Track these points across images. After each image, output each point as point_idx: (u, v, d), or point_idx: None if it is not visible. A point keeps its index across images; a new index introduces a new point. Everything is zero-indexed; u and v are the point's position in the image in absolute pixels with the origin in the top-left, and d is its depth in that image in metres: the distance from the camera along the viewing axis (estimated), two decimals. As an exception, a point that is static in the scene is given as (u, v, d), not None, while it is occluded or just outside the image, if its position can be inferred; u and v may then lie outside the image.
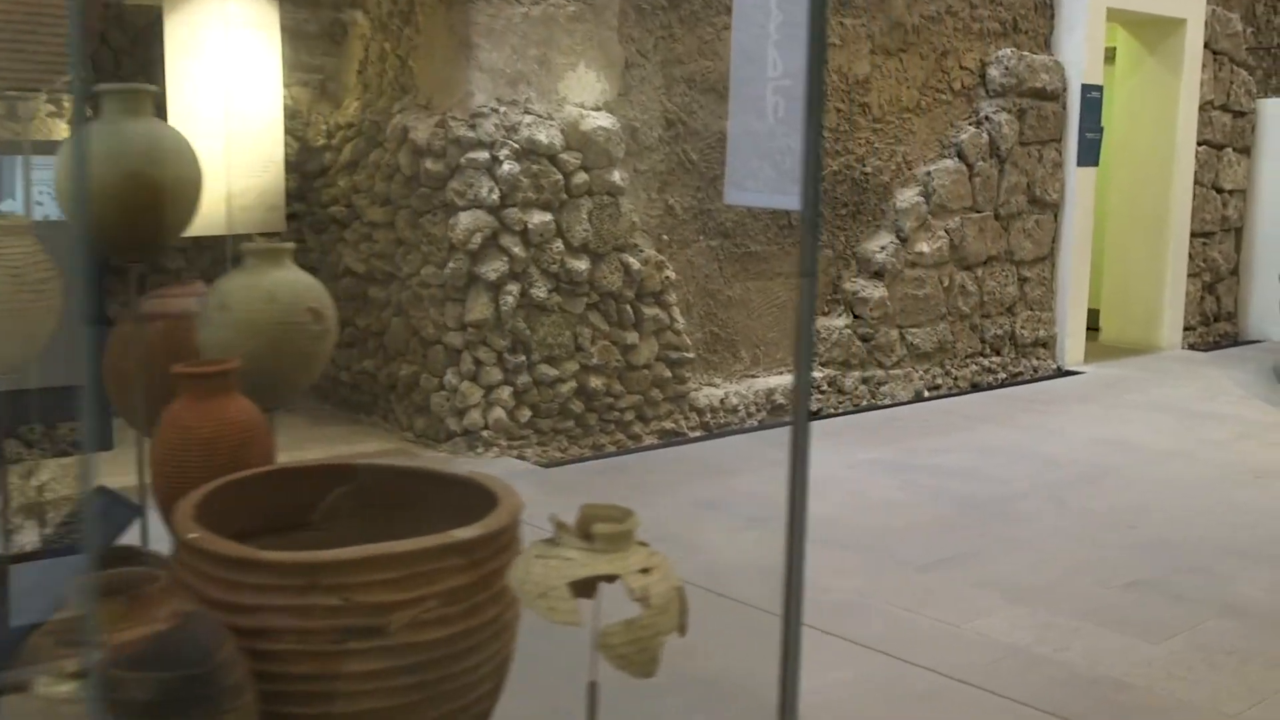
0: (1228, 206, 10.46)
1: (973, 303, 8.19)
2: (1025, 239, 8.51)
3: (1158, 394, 8.03)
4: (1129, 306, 10.08)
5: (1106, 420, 7.18)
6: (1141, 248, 9.97)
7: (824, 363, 7.36)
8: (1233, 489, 5.74)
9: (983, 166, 8.12)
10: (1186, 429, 6.99)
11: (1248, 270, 10.74)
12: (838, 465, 5.99)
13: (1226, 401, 7.84)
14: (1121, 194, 10.06)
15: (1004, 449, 6.41)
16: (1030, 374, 8.64)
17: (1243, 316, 10.81)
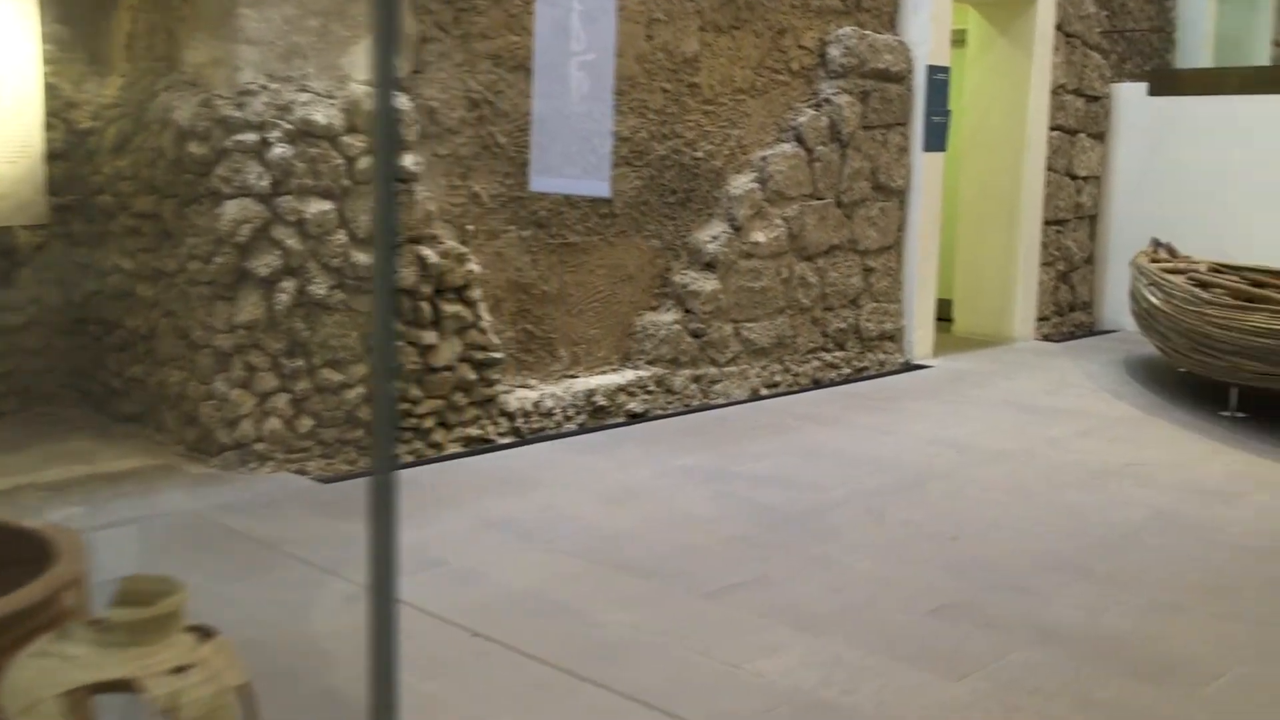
0: (1082, 193, 10.22)
1: (814, 295, 7.79)
2: (869, 227, 8.14)
3: (1004, 388, 7.71)
4: (981, 297, 9.79)
5: (946, 418, 6.83)
6: (994, 236, 9.68)
7: (652, 360, 6.90)
8: (1065, 492, 5.39)
9: (823, 151, 7.71)
10: (1028, 426, 6.66)
11: (1102, 259, 10.53)
12: (648, 474, 5.52)
13: (1073, 395, 7.54)
14: (973, 180, 9.76)
15: (831, 452, 6.00)
16: (876, 369, 8.28)
17: (1098, 306, 10.60)
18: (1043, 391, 7.64)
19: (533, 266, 6.39)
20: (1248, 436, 6.49)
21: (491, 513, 4.90)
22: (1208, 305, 6.91)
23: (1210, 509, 5.17)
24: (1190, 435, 6.52)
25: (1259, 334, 6.38)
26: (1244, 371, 6.60)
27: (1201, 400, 7.27)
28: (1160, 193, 10.15)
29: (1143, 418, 6.94)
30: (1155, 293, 7.68)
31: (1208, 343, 6.84)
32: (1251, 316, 6.51)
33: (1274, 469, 5.86)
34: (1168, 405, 7.25)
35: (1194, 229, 9.83)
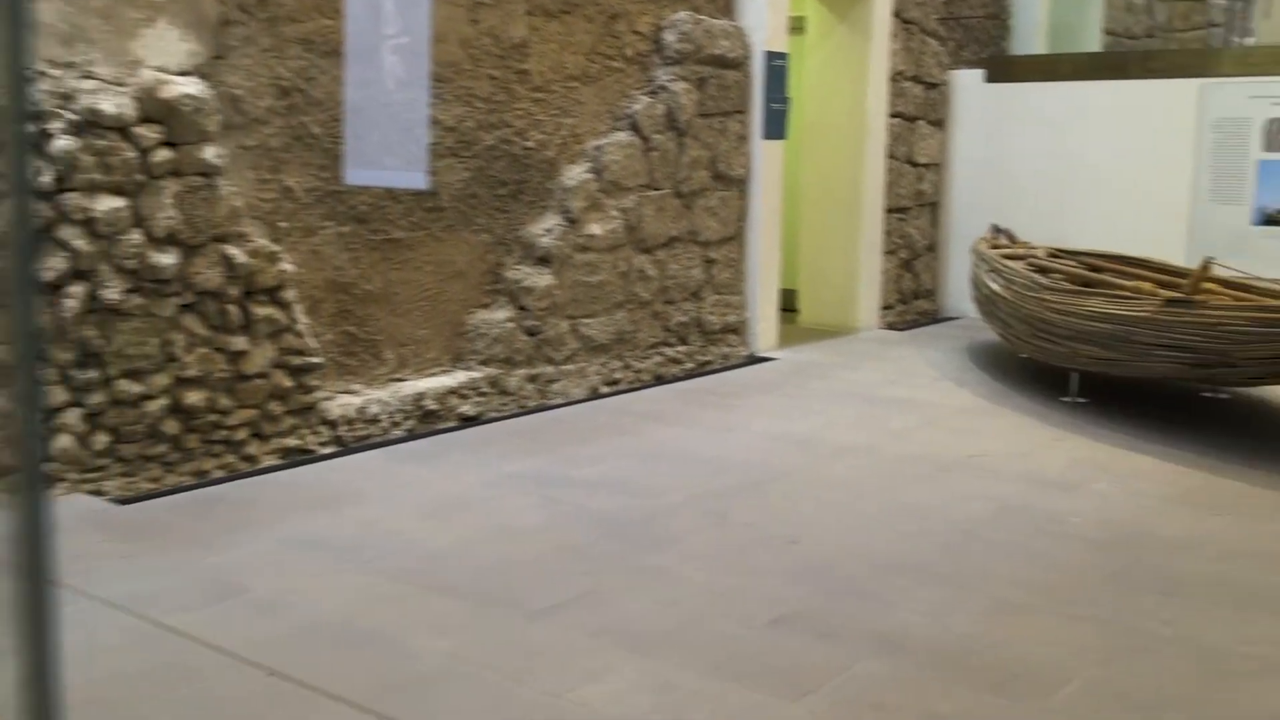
0: (923, 180, 10.20)
1: (654, 288, 7.56)
2: (710, 218, 7.94)
3: (848, 380, 7.58)
4: (826, 286, 9.69)
5: (789, 413, 6.65)
6: (836, 225, 9.58)
7: (485, 361, 6.58)
8: (909, 487, 5.24)
9: (660, 140, 7.48)
10: (871, 418, 6.52)
11: (945, 246, 10.53)
12: (476, 482, 5.21)
13: (917, 384, 7.45)
14: (814, 169, 9.65)
15: (670, 453, 5.77)
16: (720, 362, 8.09)
17: (941, 293, 10.60)
18: (887, 382, 7.53)
19: (353, 264, 6.02)
20: (1088, 422, 6.45)
21: (303, 531, 4.54)
22: (1046, 291, 6.87)
23: (1053, 500, 5.06)
24: (1032, 423, 6.46)
25: (1096, 318, 6.34)
26: (1083, 357, 6.57)
27: (1043, 386, 7.24)
28: (999, 179, 10.18)
29: (985, 406, 6.86)
30: (995, 279, 7.63)
31: (1047, 328, 6.79)
32: (1089, 301, 6.47)
33: (1113, 454, 5.81)
34: (1010, 393, 7.20)
35: (1033, 214, 9.88)
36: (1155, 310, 5.98)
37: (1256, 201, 9.13)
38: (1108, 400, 6.85)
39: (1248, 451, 5.86)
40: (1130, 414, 6.59)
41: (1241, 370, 5.72)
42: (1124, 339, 6.17)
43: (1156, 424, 6.38)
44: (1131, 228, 9.53)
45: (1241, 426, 6.51)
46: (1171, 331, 5.89)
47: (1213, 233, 9.29)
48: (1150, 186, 9.52)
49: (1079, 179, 9.81)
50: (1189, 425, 6.39)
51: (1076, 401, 6.89)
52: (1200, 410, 6.83)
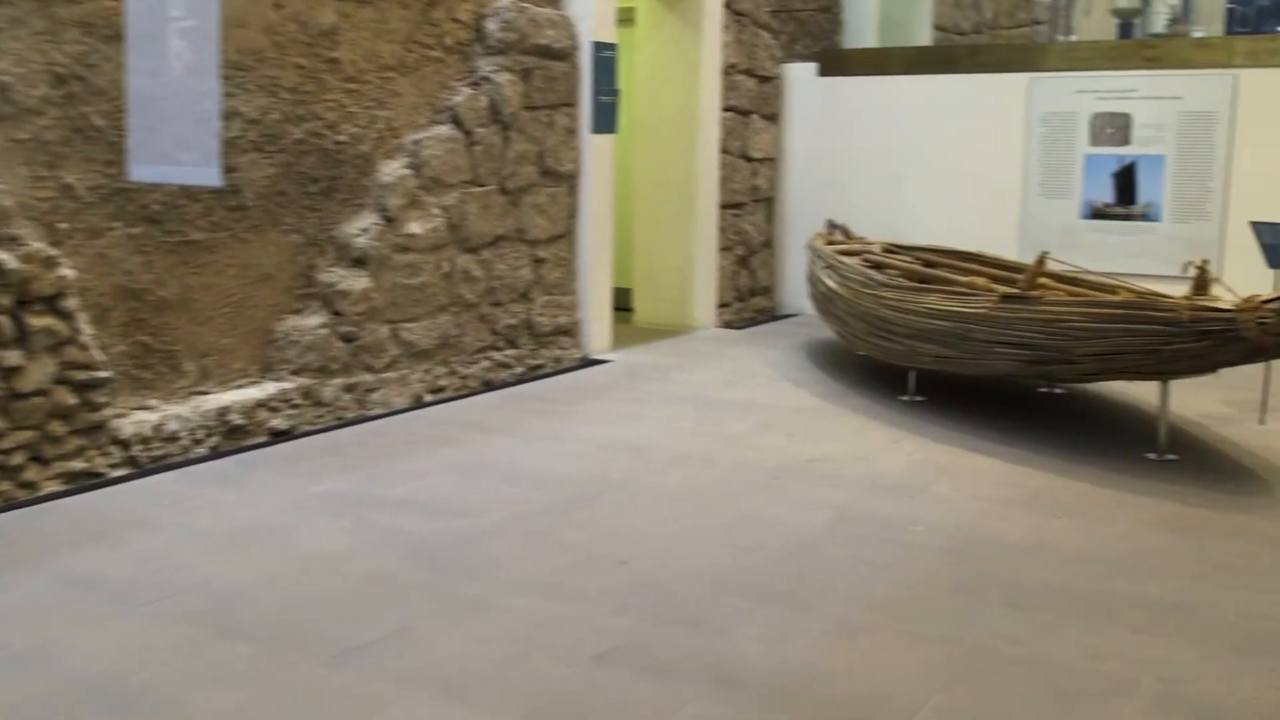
0: (757, 175, 10.02)
1: (480, 290, 7.18)
2: (538, 215, 7.60)
3: (684, 382, 7.33)
4: (661, 285, 9.44)
5: (623, 419, 6.36)
6: (670, 221, 9.34)
7: (297, 370, 6.13)
8: (747, 497, 4.98)
9: (484, 134, 7.11)
10: (707, 423, 6.26)
11: (780, 242, 10.38)
12: (280, 506, 4.78)
13: (754, 386, 7.23)
14: (647, 164, 9.39)
15: (495, 466, 5.42)
16: (552, 366, 7.76)
17: (778, 290, 10.45)
18: (723, 383, 7.30)
19: (146, 269, 5.51)
20: (927, 421, 6.30)
21: (77, 569, 4.06)
22: (883, 288, 6.71)
23: (894, 506, 4.86)
24: (871, 424, 6.28)
25: (934, 316, 6.18)
26: (922, 355, 6.42)
27: (881, 385, 7.09)
28: (834, 174, 10.07)
29: (824, 407, 6.67)
30: (831, 276, 7.46)
31: (885, 327, 6.63)
32: (926, 298, 6.31)
33: (953, 455, 5.65)
34: (848, 392, 7.03)
35: (867, 209, 9.79)
36: (993, 307, 5.85)
37: (1084, 196, 9.17)
38: (946, 398, 6.73)
39: (1085, 448, 5.77)
40: (969, 412, 6.47)
41: (1080, 367, 5.62)
42: (963, 336, 6.03)
43: (995, 422, 6.27)
44: (964, 222, 9.50)
45: (1078, 422, 6.45)
46: (1010, 328, 5.76)
47: (1043, 227, 9.31)
48: (982, 181, 9.50)
49: (912, 173, 9.75)
50: (1027, 422, 6.29)
51: (915, 400, 6.75)
52: (1038, 406, 6.75)
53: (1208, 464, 5.57)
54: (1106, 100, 9.04)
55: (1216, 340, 5.04)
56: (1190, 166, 8.82)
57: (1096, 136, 9.09)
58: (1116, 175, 9.06)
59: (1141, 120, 8.93)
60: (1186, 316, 5.08)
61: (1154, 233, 8.96)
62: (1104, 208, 9.11)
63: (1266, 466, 5.53)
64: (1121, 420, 6.48)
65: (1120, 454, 5.69)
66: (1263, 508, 4.89)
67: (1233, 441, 5.98)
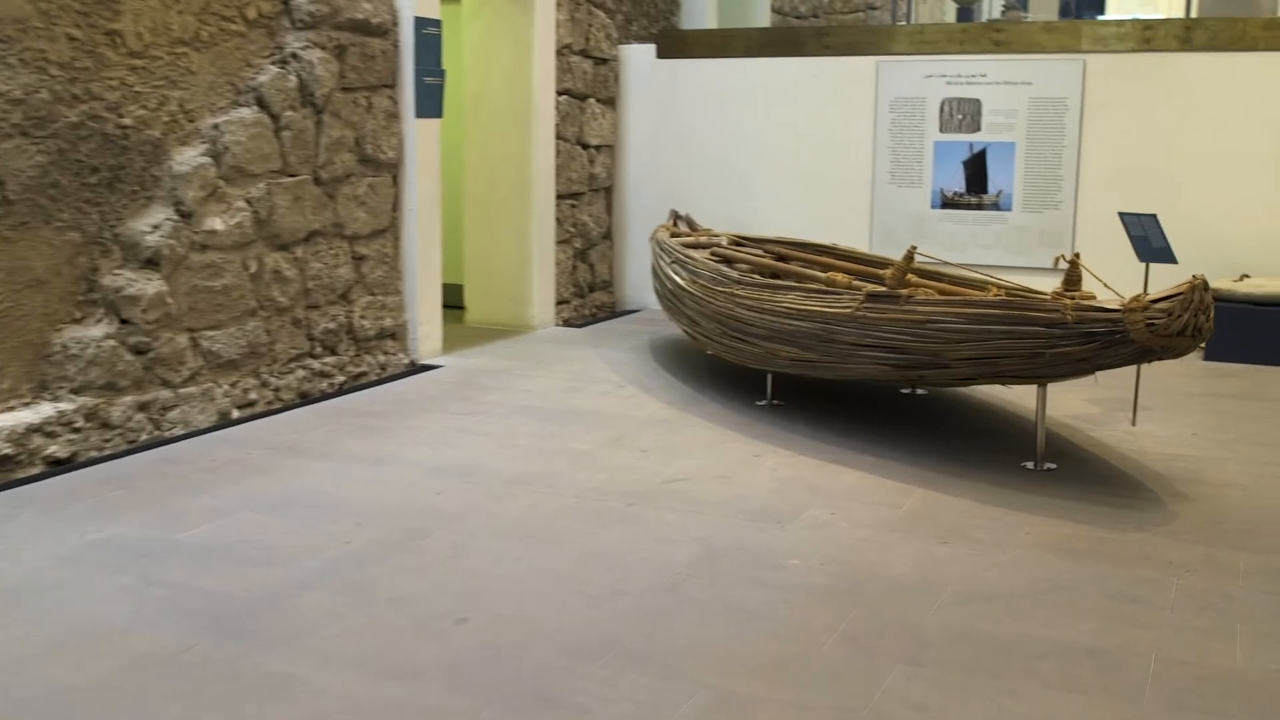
0: (595, 163, 9.45)
1: (293, 291, 6.44)
2: (358, 208, 6.88)
3: (522, 390, 6.71)
4: (495, 281, 8.79)
5: (455, 436, 5.72)
6: (504, 213, 8.70)
7: (78, 389, 5.32)
8: (599, 530, 4.40)
9: (293, 118, 6.37)
10: (550, 438, 5.67)
11: (621, 233, 9.83)
12: (46, 560, 4.02)
13: (599, 392, 6.66)
14: (478, 151, 8.73)
15: (309, 498, 4.73)
16: (377, 374, 7.05)
17: (619, 284, 9.90)
18: (565, 390, 6.71)
19: (-115, 275, 4.66)
20: (788, 430, 5.82)
21: None
22: (737, 285, 6.20)
23: (765, 536, 4.35)
24: (729, 435, 5.77)
25: (793, 316, 5.70)
26: (781, 358, 5.93)
27: (736, 389, 6.59)
28: (675, 161, 9.56)
29: (676, 416, 6.14)
30: (679, 272, 6.93)
31: (740, 327, 6.12)
32: (784, 297, 5.82)
33: (822, 471, 5.18)
34: (701, 398, 6.51)
35: (711, 199, 9.31)
36: (858, 306, 5.39)
37: (935, 184, 8.85)
38: (805, 402, 6.27)
39: (959, 458, 5.36)
40: (830, 418, 6.02)
41: (953, 371, 5.20)
42: (825, 338, 5.55)
43: (859, 428, 5.82)
44: (812, 212, 9.10)
45: (947, 427, 6.05)
46: (877, 330, 5.30)
47: (893, 217, 8.96)
48: (830, 169, 9.11)
49: (758, 161, 9.30)
50: (894, 428, 5.87)
51: (773, 405, 6.28)
52: (903, 409, 6.34)
53: (1089, 473, 5.21)
54: (956, 85, 8.72)
55: (1103, 343, 4.66)
56: (1041, 154, 8.56)
57: (946, 123, 8.77)
58: (967, 163, 8.75)
59: (991, 106, 8.64)
60: (1070, 318, 4.68)
61: (1005, 222, 8.68)
62: (955, 197, 8.79)
63: (1149, 474, 5.20)
64: (992, 424, 6.11)
65: (996, 463, 5.29)
66: (1155, 524, 4.52)
67: (1109, 446, 5.65)
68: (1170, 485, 5.04)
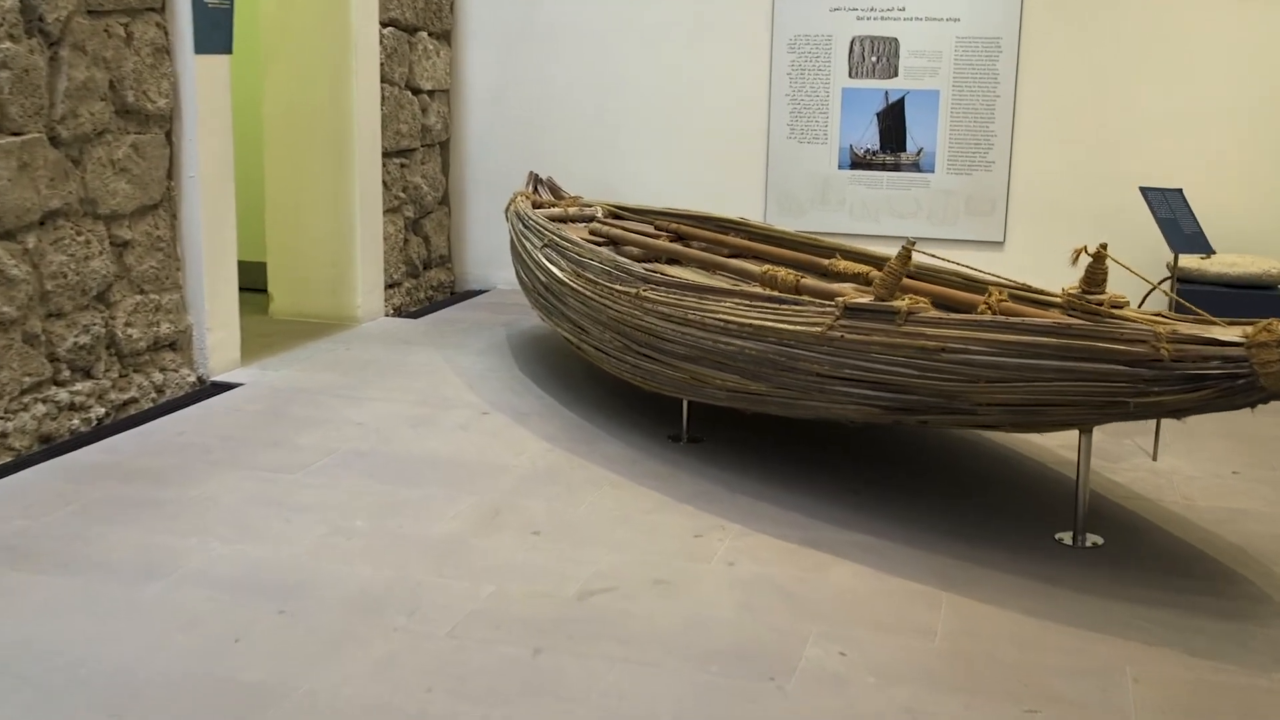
0: (428, 113, 7.69)
1: (24, 297, 4.59)
2: (117, 177, 5.03)
3: (352, 423, 5.00)
4: (308, 262, 6.99)
5: (262, 514, 4.00)
6: (318, 176, 6.89)
7: None
8: (498, 712, 2.79)
9: (13, 53, 4.48)
10: (398, 513, 4.01)
11: (460, 199, 8.10)
12: None
13: (457, 423, 5.01)
14: (281, 97, 6.89)
15: (22, 666, 2.97)
16: (153, 398, 5.24)
17: (459, 260, 8.18)
18: (411, 422, 5.02)
19: None
20: (726, 485, 4.31)
21: None
22: (647, 285, 4.59)
23: (758, 710, 2.80)
24: (650, 499, 4.20)
25: (733, 332, 4.14)
26: (711, 386, 4.37)
27: (637, 414, 5.04)
28: (528, 111, 7.88)
29: (568, 465, 4.54)
30: (557, 260, 5.30)
31: (650, 342, 4.54)
32: (718, 306, 4.25)
33: (795, 562, 3.68)
34: (595, 431, 4.92)
35: (573, 158, 7.69)
36: (832, 324, 3.86)
37: (842, 140, 7.39)
38: (732, 434, 4.76)
39: (966, 527, 3.93)
40: (775, 461, 4.52)
41: (980, 417, 3.72)
42: (782, 365, 4.02)
43: (820, 480, 4.34)
44: (695, 174, 7.57)
45: (926, 471, 4.61)
46: (862, 358, 3.79)
47: (792, 179, 7.49)
48: (716, 122, 7.56)
49: (629, 112, 7.69)
50: (862, 476, 4.40)
51: (691, 442, 4.75)
52: (862, 444, 4.85)
53: (1151, 552, 3.83)
54: (868, 21, 7.25)
55: (1216, 390, 3.23)
56: (970, 105, 7.17)
57: (857, 66, 7.30)
58: (882, 115, 7.31)
59: (911, 46, 7.19)
60: (1166, 353, 3.25)
61: (927, 186, 7.28)
62: (867, 155, 7.35)
63: (1226, 549, 3.84)
64: (989, 464, 4.69)
65: (1023, 536, 3.88)
66: (1295, 650, 3.15)
67: (1145, 499, 4.29)
68: (1265, 565, 3.69)
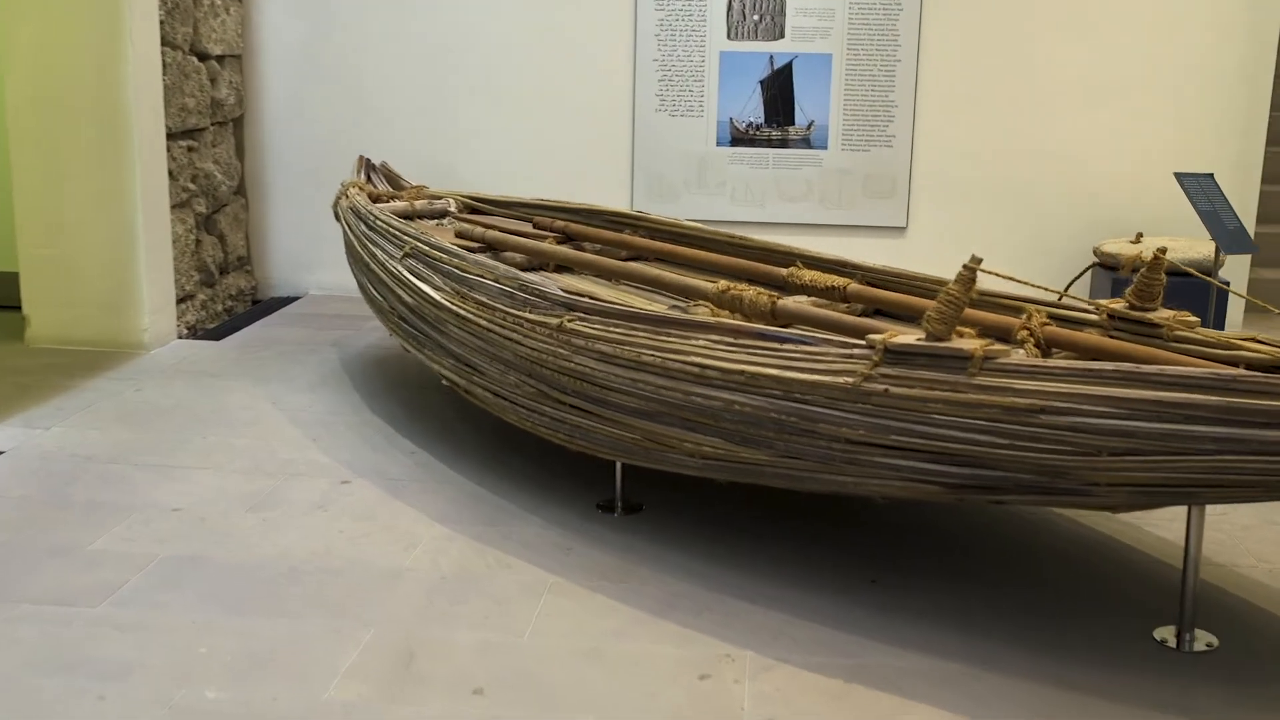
0: (219, 83, 6.27)
1: None
2: None
3: (165, 509, 3.67)
4: (75, 276, 5.51)
5: (27, 685, 2.70)
6: (83, 166, 5.42)
7: None
8: None
9: None
10: (267, 668, 2.77)
11: (259, 186, 6.71)
12: None
13: (313, 503, 3.75)
14: (32, 61, 5.38)
15: None
16: None
17: (261, 263, 6.79)
18: (249, 505, 3.73)
19: None
20: (707, 583, 3.22)
21: None
22: (578, 315, 3.43)
23: None
24: (612, 613, 3.07)
25: (718, 382, 3.04)
26: (679, 451, 3.24)
27: (546, 473, 3.89)
28: (342, 81, 6.55)
29: (483, 564, 3.35)
30: (428, 276, 4.08)
31: (587, 392, 3.39)
32: (692, 343, 3.12)
33: (829, 700, 2.63)
34: (501, 504, 3.74)
35: (402, 136, 6.46)
36: (870, 371, 2.80)
37: (721, 112, 6.35)
38: (664, 492, 3.67)
39: (1044, 633, 2.96)
40: (747, 533, 3.46)
41: (1098, 498, 2.72)
42: (796, 430, 2.94)
43: (821, 559, 3.29)
44: (551, 154, 6.42)
45: (964, 533, 3.63)
46: (923, 422, 2.74)
47: (663, 159, 6.42)
48: (572, 93, 6.42)
49: (468, 82, 6.46)
50: (881, 559, 3.38)
51: (629, 513, 3.64)
52: (864, 508, 3.82)
53: (1274, 653, 2.94)
54: (749, -27, 6.23)
55: None
56: (868, 71, 6.23)
57: (737, 26, 6.26)
58: (766, 82, 6.30)
59: (799, 4, 6.20)
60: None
61: (819, 164, 6.32)
62: (750, 130, 6.33)
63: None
64: (1030, 532, 3.73)
65: (1111, 637, 2.93)
66: None
67: (1224, 568, 3.41)
68: None
